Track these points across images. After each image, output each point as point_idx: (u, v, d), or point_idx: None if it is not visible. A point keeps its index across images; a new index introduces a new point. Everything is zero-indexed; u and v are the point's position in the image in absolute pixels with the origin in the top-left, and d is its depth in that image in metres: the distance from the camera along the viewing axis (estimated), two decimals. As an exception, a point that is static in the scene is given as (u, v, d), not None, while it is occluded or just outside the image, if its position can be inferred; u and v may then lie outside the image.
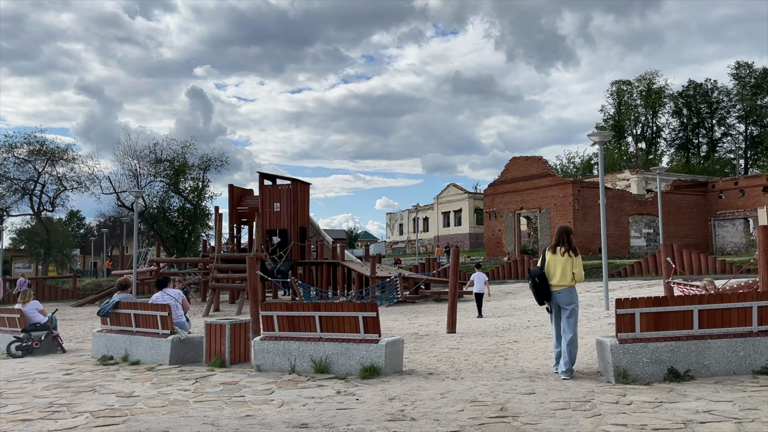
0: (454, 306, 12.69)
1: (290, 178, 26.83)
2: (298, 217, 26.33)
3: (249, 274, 13.02)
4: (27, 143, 40.33)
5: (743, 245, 42.26)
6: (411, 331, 13.35)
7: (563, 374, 7.24)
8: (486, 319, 15.52)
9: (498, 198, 44.67)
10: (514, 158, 44.36)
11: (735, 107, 75.36)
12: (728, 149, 77.15)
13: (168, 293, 9.77)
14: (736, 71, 73.59)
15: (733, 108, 75.49)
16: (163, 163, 42.49)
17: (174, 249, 41.26)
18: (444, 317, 16.13)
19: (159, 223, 41.12)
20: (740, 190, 42.99)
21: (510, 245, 43.53)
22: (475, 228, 68.85)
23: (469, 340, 11.26)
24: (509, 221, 43.79)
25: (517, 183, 43.05)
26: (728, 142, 77.28)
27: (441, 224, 72.37)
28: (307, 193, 27.50)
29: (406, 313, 18.61)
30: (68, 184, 41.71)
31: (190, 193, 42.74)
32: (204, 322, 9.15)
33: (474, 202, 69.53)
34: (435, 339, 11.68)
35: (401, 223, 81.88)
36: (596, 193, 40.46)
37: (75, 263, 75.97)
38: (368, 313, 7.79)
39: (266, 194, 26.44)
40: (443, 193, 72.94)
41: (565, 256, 7.51)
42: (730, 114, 75.79)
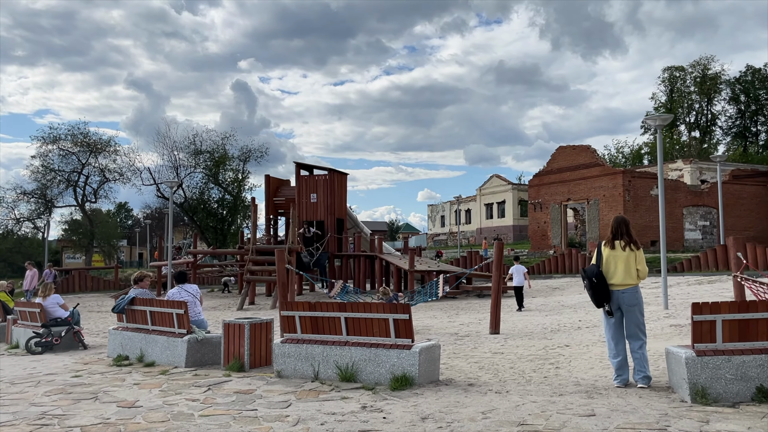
0: (497, 304, 11.66)
1: (327, 168, 26.10)
2: (335, 208, 25.58)
3: (278, 267, 12.29)
4: (71, 135, 40.80)
5: (808, 239, 39.63)
6: (450, 330, 12.38)
7: (641, 381, 6.30)
8: (532, 317, 14.43)
9: (543, 189, 43.07)
10: (560, 147, 42.67)
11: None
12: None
13: (186, 289, 9.06)
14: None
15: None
16: (203, 154, 42.40)
17: (214, 240, 41.19)
18: (486, 315, 15.09)
19: (198, 214, 41.07)
20: (805, 179, 40.28)
21: (556, 238, 41.95)
22: (519, 220, 67.13)
23: (514, 342, 10.23)
24: (555, 213, 42.18)
25: (564, 173, 41.37)
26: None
27: (484, 216, 70.83)
28: (345, 184, 26.72)
29: (446, 309, 17.63)
30: (110, 176, 42.11)
31: (230, 185, 42.56)
32: (222, 320, 8.39)
33: (518, 194, 67.77)
34: (476, 341, 10.69)
35: (443, 215, 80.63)
36: (648, 183, 38.52)
37: (121, 254, 77.51)
38: (400, 315, 6.87)
39: (303, 185, 25.78)
40: (486, 184, 71.33)
41: (627, 251, 6.46)
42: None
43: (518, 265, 17.13)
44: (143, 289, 9.53)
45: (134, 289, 9.55)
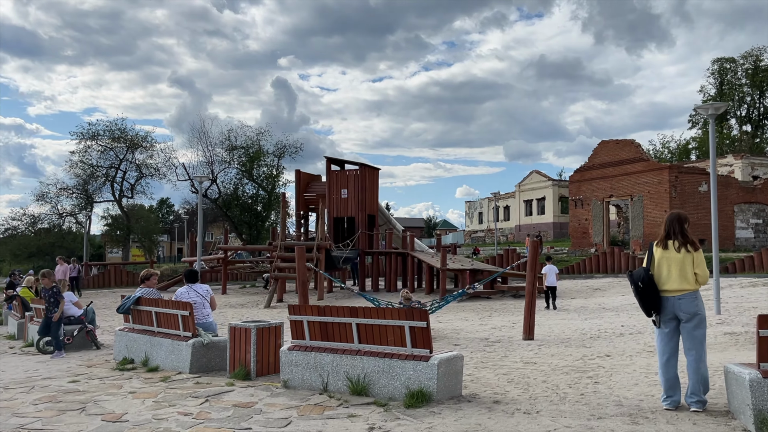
0: (531, 307, 10.79)
1: (358, 163, 25.45)
2: (366, 203, 24.92)
3: (298, 265, 11.68)
4: (109, 131, 41.20)
5: None
6: (481, 334, 11.56)
7: (694, 405, 5.46)
8: (570, 321, 13.48)
9: (585, 185, 41.59)
10: (603, 142, 41.11)
11: None
12: None
13: (195, 289, 8.49)
14: None
15: None
16: (238, 150, 42.30)
17: (248, 236, 41.07)
18: (521, 318, 14.21)
19: (232, 210, 40.99)
20: None
21: (597, 236, 40.46)
22: (560, 217, 65.42)
23: (548, 350, 9.37)
24: (597, 210, 40.68)
25: (606, 168, 39.84)
26: None
27: (523, 213, 69.28)
28: (376, 179, 26.03)
29: (479, 310, 16.78)
30: (147, 171, 42.38)
31: (264, 180, 42.36)
32: (228, 324, 7.79)
33: (559, 190, 66.02)
34: (508, 347, 9.86)
35: (481, 211, 79.27)
36: (696, 179, 36.76)
37: (160, 249, 78.61)
38: (417, 322, 6.13)
39: (333, 180, 25.20)
40: (525, 180, 69.73)
41: (682, 252, 5.58)
42: None
43: (550, 265, 16.94)
44: (150, 289, 9.03)
45: (141, 288, 9.05)
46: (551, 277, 16.54)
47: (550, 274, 16.58)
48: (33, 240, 56.84)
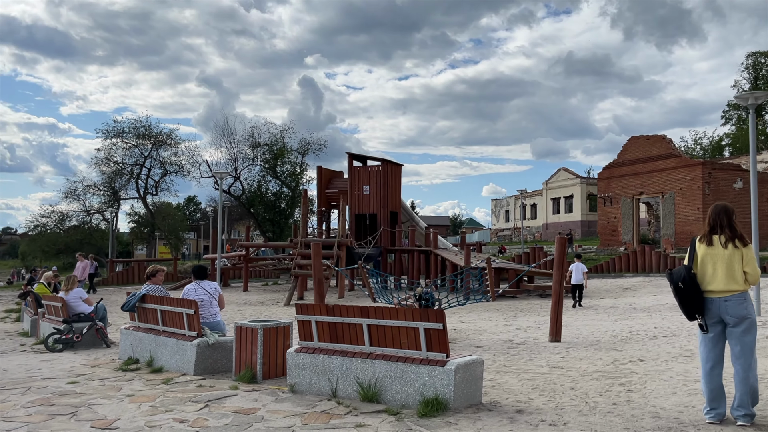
0: (558, 307, 10.20)
1: (381, 159, 24.99)
2: (389, 200, 24.45)
3: (314, 262, 11.25)
4: (133, 128, 41.41)
5: None
6: (505, 336, 11.00)
7: (741, 419, 4.85)
8: (599, 321, 12.83)
9: (614, 182, 40.51)
10: (633, 138, 40.00)
11: None
12: None
13: (203, 286, 8.11)
14: None
15: None
16: (262, 147, 42.17)
17: (271, 233, 40.93)
18: (547, 319, 13.60)
19: (256, 207, 40.87)
20: None
21: (627, 234, 39.39)
22: (588, 215, 64.16)
23: (576, 354, 8.78)
24: (626, 207, 39.60)
25: (637, 165, 38.73)
26: None
27: (550, 211, 68.13)
28: (399, 176, 25.54)
29: (504, 310, 16.18)
30: (171, 168, 42.51)
31: (288, 177, 42.16)
32: (234, 323, 7.38)
33: (587, 188, 64.74)
34: (533, 350, 9.29)
35: (507, 209, 78.23)
36: (730, 175, 35.53)
37: (185, 246, 79.22)
38: (432, 323, 5.63)
39: (355, 176, 24.77)
40: (553, 177, 68.56)
41: (729, 248, 4.98)
42: None
43: (579, 263, 16.80)
44: (156, 286, 8.67)
45: (146, 285, 8.70)
46: (577, 275, 16.41)
47: (576, 272, 16.43)
48: (62, 237, 57.56)
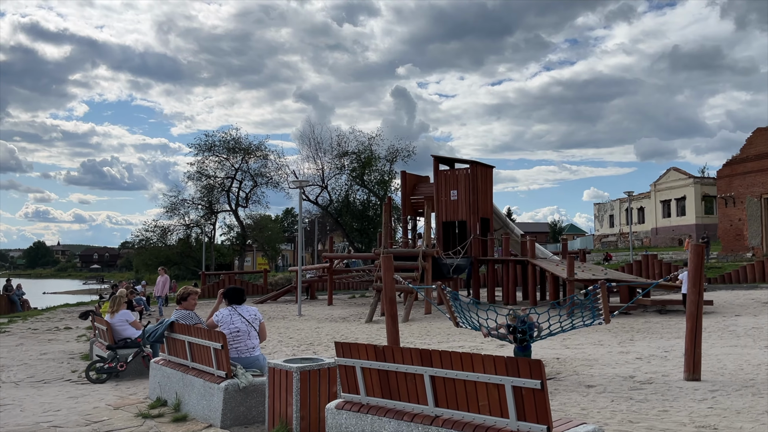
0: (696, 334, 7.87)
1: (470, 161, 22.97)
2: (479, 206, 22.37)
3: (384, 278, 9.56)
4: (223, 141, 41.75)
5: None
6: (623, 370, 8.76)
7: None
8: (743, 348, 10.24)
9: (737, 180, 36.10)
10: (759, 129, 35.49)
11: None
12: None
13: (240, 312, 6.60)
14: None
15: None
16: (349, 155, 41.29)
17: (360, 243, 39.81)
18: (673, 343, 11.14)
19: (344, 217, 39.92)
20: None
21: (755, 238, 34.88)
22: (703, 218, 58.61)
23: (729, 401, 6.51)
24: (753, 208, 35.09)
25: (764, 160, 34.25)
26: None
27: (660, 214, 62.95)
28: (490, 179, 23.41)
29: (617, 331, 13.75)
30: (260, 180, 42.47)
31: (376, 186, 40.96)
32: (267, 362, 5.78)
33: (701, 188, 59.22)
34: (665, 393, 7.08)
35: (611, 214, 73.30)
36: None
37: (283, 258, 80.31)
38: (525, 380, 3.74)
39: (442, 180, 22.91)
40: (662, 178, 63.33)
41: None
42: None
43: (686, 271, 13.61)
44: (187, 311, 7.27)
45: (177, 310, 7.33)
46: None
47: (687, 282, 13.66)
48: (163, 251, 59.57)
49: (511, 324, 8.61)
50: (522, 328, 8.47)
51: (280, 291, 28.64)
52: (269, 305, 26.68)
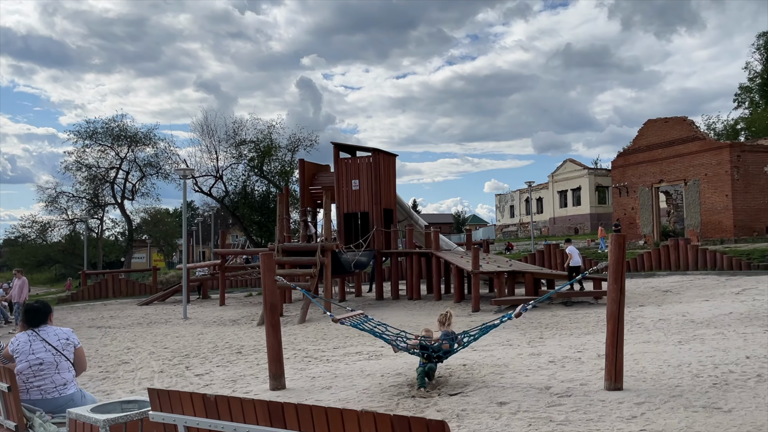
0: (618, 337, 6.94)
1: (372, 149, 21.71)
2: (382, 196, 21.18)
3: (264, 280, 8.07)
4: (107, 129, 38.22)
5: None
6: (538, 377, 7.73)
7: None
8: (658, 344, 9.58)
9: (630, 170, 37.22)
10: (649, 121, 36.70)
11: None
12: None
13: (46, 337, 4.86)
14: None
15: None
16: (247, 144, 39.00)
17: (260, 238, 37.75)
18: (584, 340, 10.35)
19: (241, 209, 37.64)
20: None
21: (646, 226, 36.10)
22: (597, 207, 60.98)
23: (659, 417, 5.56)
24: (645, 197, 36.29)
25: (655, 151, 35.42)
26: None
27: (557, 204, 64.94)
28: (393, 167, 22.28)
29: (525, 327, 12.95)
30: (149, 171, 39.30)
31: (276, 176, 38.96)
32: (68, 412, 4.13)
33: (595, 179, 61.56)
34: (587, 409, 6.06)
35: (512, 204, 74.98)
36: (761, 158, 32.25)
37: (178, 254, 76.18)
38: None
39: (342, 169, 21.52)
40: (559, 170, 65.34)
41: None
42: None
43: (572, 246, 18.37)
44: None
45: None
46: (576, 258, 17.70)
47: (575, 255, 17.76)
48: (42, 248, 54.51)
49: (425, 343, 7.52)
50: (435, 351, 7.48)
51: (168, 291, 26.27)
52: (155, 307, 24.31)
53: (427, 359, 7.82)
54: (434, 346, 7.65)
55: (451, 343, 7.63)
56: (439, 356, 7.82)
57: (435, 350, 7.68)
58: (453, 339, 7.81)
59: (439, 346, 7.62)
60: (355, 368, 9.32)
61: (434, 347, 7.66)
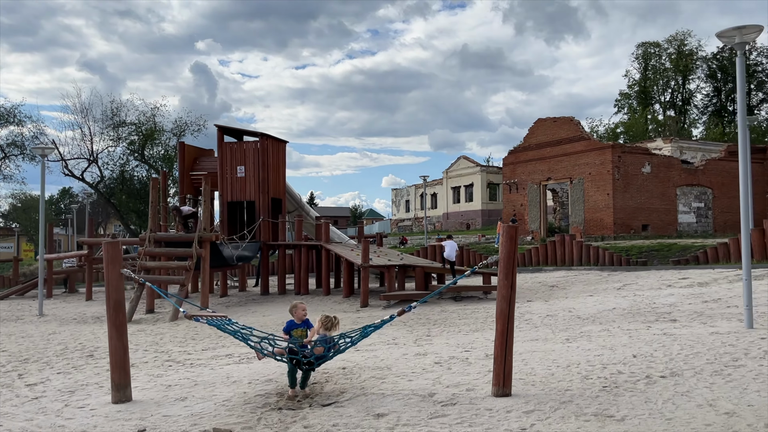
0: (508, 334, 6.32)
1: (260, 134, 20.38)
2: (270, 184, 19.93)
3: (107, 273, 6.83)
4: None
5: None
6: (421, 382, 7.02)
7: None
8: (547, 342, 9.22)
9: (520, 167, 38.14)
10: (539, 120, 37.74)
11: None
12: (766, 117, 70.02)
13: None
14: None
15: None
16: (128, 126, 36.14)
17: (139, 227, 35.10)
18: (472, 338, 9.84)
19: (118, 196, 34.81)
20: (810, 156, 36.21)
21: (534, 222, 37.14)
22: (488, 204, 62.66)
23: (549, 425, 4.97)
24: (533, 194, 37.32)
25: (544, 149, 36.48)
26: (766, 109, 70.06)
27: (451, 200, 66.11)
28: (283, 154, 21.09)
29: (413, 324, 12.35)
30: (11, 151, 35.43)
31: (159, 162, 36.41)
32: None
33: (487, 176, 63.23)
34: (473, 420, 5.39)
35: (407, 199, 75.60)
36: (639, 159, 33.98)
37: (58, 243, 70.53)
38: None
39: (227, 154, 20.05)
40: (453, 166, 66.54)
41: None
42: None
43: (451, 242, 18.73)
44: None
45: None
46: (450, 250, 18.01)
47: (449, 248, 18.08)
48: None
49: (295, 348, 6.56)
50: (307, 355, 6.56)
51: (27, 284, 23.62)
52: (9, 302, 21.69)
53: (297, 365, 6.86)
54: (305, 351, 6.70)
55: (326, 347, 6.72)
56: (311, 362, 6.89)
57: (306, 356, 6.74)
58: (328, 342, 6.90)
59: (311, 351, 6.69)
60: (220, 374, 8.23)
61: (305, 353, 6.70)
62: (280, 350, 6.81)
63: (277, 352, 6.84)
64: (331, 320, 6.95)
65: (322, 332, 6.96)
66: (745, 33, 9.19)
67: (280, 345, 6.87)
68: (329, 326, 6.97)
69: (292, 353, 6.71)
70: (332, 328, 6.98)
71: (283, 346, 6.83)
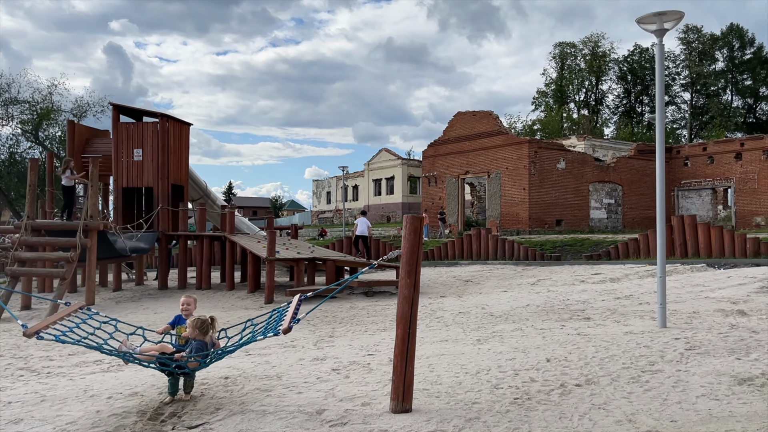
0: (409, 341, 5.50)
1: (160, 114, 18.76)
2: (171, 169, 18.39)
3: None
4: None
5: (709, 218, 37.40)
6: (312, 394, 6.10)
7: None
8: (455, 344, 8.54)
9: (439, 160, 37.96)
10: (459, 113, 37.65)
11: (681, 75, 71.74)
12: (672, 119, 73.76)
13: None
14: (684, 35, 69.56)
15: (679, 75, 71.86)
16: (20, 104, 33.09)
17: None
18: (379, 338, 9.03)
19: (6, 180, 31.82)
20: (709, 156, 37.96)
21: (452, 216, 37.07)
22: (409, 197, 62.53)
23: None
24: (452, 187, 37.24)
25: (463, 142, 36.42)
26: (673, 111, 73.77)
27: (372, 192, 65.57)
28: (186, 137, 19.55)
29: (317, 323, 11.41)
30: None
31: (56, 144, 33.60)
32: None
33: (408, 169, 63.10)
34: (363, 448, 4.53)
35: (329, 191, 74.49)
36: (555, 155, 34.47)
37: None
38: None
39: (123, 135, 18.33)
40: (374, 158, 66.01)
41: None
42: (676, 81, 72.09)
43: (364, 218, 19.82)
44: None
45: None
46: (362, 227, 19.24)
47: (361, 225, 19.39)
48: None
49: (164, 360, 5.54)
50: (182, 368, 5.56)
51: None
52: None
53: (170, 375, 5.92)
54: (180, 362, 5.72)
55: (201, 361, 5.77)
56: (186, 373, 5.91)
57: (180, 366, 5.75)
58: (206, 348, 5.93)
59: (184, 364, 5.71)
60: (79, 386, 7.01)
61: (179, 363, 5.73)
62: (147, 356, 5.82)
63: (143, 358, 5.83)
64: (205, 322, 6.00)
65: (198, 337, 5.99)
66: (665, 19, 8.80)
67: (147, 350, 5.91)
68: (205, 330, 6.02)
69: (162, 364, 5.77)
70: (208, 331, 6.05)
71: (147, 356, 5.80)
